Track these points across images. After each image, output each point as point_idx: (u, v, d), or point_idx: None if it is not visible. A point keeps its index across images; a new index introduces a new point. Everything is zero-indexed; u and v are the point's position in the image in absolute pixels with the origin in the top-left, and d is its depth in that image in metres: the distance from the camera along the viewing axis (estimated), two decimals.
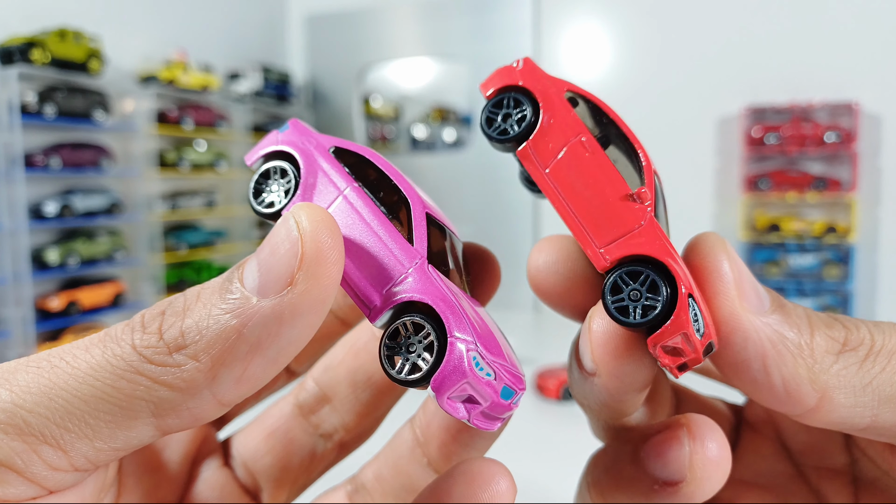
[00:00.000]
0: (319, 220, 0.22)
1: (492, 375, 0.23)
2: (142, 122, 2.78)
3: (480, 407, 0.24)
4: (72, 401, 0.21)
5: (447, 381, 0.23)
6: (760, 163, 2.84)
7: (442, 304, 0.24)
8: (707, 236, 0.27)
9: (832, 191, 2.70)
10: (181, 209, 2.98)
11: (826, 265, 2.74)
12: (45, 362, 0.21)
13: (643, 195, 0.25)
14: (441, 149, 3.87)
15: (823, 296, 2.75)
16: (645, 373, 0.26)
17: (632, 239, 0.25)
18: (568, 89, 0.28)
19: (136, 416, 0.21)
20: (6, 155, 2.27)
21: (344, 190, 0.27)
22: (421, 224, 0.26)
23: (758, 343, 0.25)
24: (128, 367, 0.21)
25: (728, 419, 0.35)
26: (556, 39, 3.17)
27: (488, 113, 0.28)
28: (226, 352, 0.21)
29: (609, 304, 0.24)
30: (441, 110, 3.93)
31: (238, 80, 3.31)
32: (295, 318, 0.21)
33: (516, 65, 0.29)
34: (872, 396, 0.24)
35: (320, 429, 0.34)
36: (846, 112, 2.67)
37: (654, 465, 0.27)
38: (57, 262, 2.41)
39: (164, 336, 0.22)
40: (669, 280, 0.24)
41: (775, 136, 2.75)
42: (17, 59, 2.27)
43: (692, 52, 2.91)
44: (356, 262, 0.25)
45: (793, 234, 2.76)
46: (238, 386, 0.22)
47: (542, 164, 0.27)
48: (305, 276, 0.21)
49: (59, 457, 0.21)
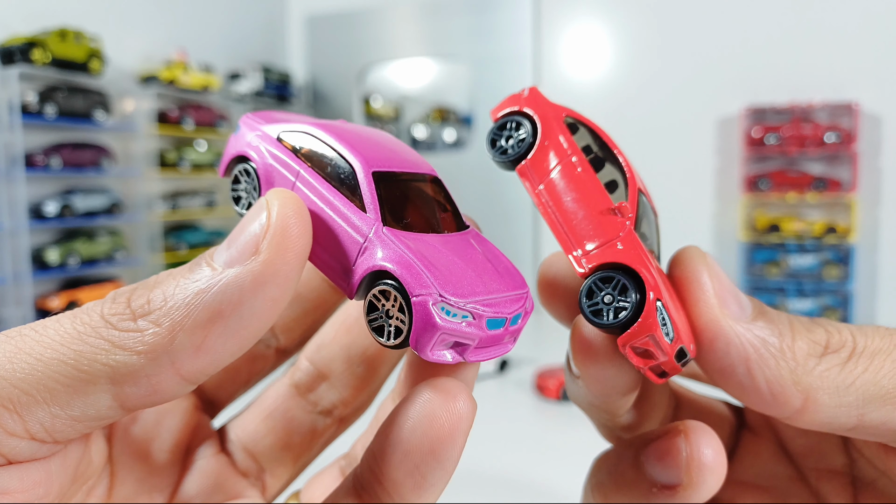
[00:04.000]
0: (286, 199, 0.23)
1: (468, 316, 0.24)
2: (142, 122, 2.78)
3: (471, 346, 0.24)
4: (34, 364, 0.21)
5: (422, 338, 0.24)
6: (760, 163, 2.84)
7: (399, 267, 0.24)
8: (688, 250, 0.29)
9: (832, 191, 2.70)
10: (181, 209, 2.98)
11: (826, 265, 2.74)
12: (15, 332, 0.22)
13: (624, 209, 0.28)
14: (441, 149, 3.87)
15: (823, 296, 2.75)
16: (624, 378, 0.28)
17: (609, 248, 0.27)
18: (567, 115, 0.31)
19: (94, 381, 0.21)
20: (6, 155, 2.27)
21: (297, 175, 0.27)
22: (370, 188, 0.26)
23: (740, 348, 0.26)
24: (91, 333, 0.22)
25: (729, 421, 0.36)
26: (556, 39, 3.17)
27: (493, 134, 0.31)
28: (186, 317, 0.21)
29: (584, 306, 0.26)
30: (441, 110, 3.93)
31: (238, 80, 3.32)
32: (257, 288, 0.22)
33: (523, 93, 0.32)
34: (857, 396, 0.25)
35: (319, 406, 0.34)
36: (846, 112, 2.67)
37: (652, 469, 0.29)
38: (57, 262, 2.42)
39: (132, 304, 0.22)
40: (640, 286, 0.26)
41: (775, 136, 2.75)
42: (17, 59, 2.27)
43: (692, 53, 2.91)
44: (323, 244, 0.26)
45: (793, 234, 2.76)
46: (197, 355, 0.22)
47: (537, 180, 0.29)
48: (269, 245, 0.22)
49: (15, 421, 0.21)
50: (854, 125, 2.64)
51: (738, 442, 0.35)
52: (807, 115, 2.72)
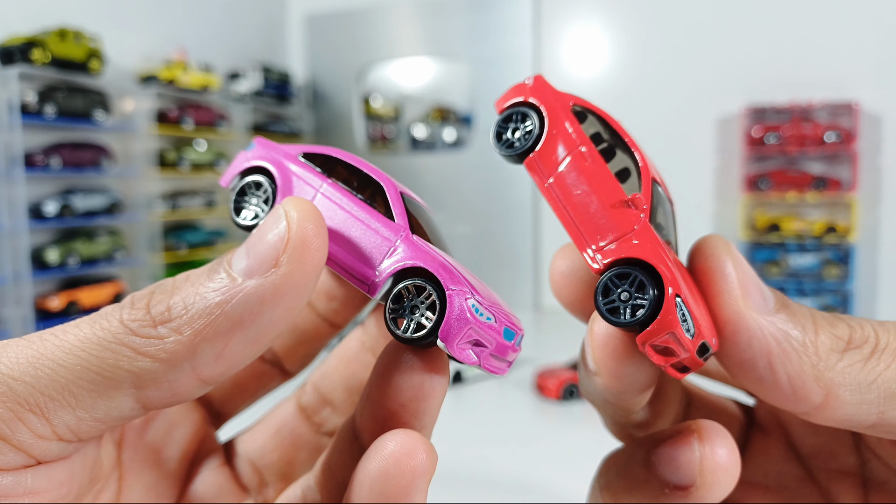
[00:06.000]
0: (305, 211, 0.24)
1: (492, 319, 0.26)
2: (142, 122, 2.78)
3: (488, 349, 0.26)
4: (57, 370, 0.22)
5: (453, 329, 0.25)
6: (760, 163, 2.84)
7: (434, 263, 0.26)
8: (711, 239, 0.28)
9: (832, 191, 2.70)
10: (181, 209, 2.98)
11: (826, 265, 2.74)
12: (36, 337, 0.23)
13: (637, 201, 0.27)
14: (441, 149, 3.87)
15: (823, 296, 2.75)
16: (644, 375, 0.27)
17: (624, 243, 0.26)
18: (575, 103, 0.30)
19: (118, 387, 0.22)
20: (6, 155, 2.27)
21: (320, 187, 0.29)
22: (398, 202, 0.28)
23: (763, 341, 0.25)
24: (113, 339, 0.22)
25: (739, 420, 0.35)
26: (557, 39, 3.17)
27: (498, 127, 0.30)
28: (208, 326, 0.22)
29: (601, 304, 0.25)
30: (441, 110, 3.93)
31: (238, 79, 3.31)
32: (276, 299, 0.22)
33: (528, 82, 0.30)
34: (878, 393, 0.25)
35: (323, 427, 0.35)
36: (846, 112, 2.67)
37: (665, 470, 0.28)
38: (57, 261, 2.41)
39: (152, 311, 0.23)
40: (658, 281, 0.25)
41: (775, 135, 2.75)
42: (17, 59, 2.27)
43: (692, 52, 2.91)
44: (346, 248, 0.27)
45: (793, 233, 2.76)
46: (217, 362, 0.23)
47: (546, 173, 0.28)
48: (289, 258, 0.23)
49: (42, 425, 0.22)
50: (854, 125, 2.64)
51: (748, 441, 0.35)
52: (807, 114, 2.72)
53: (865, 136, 2.68)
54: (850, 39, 2.66)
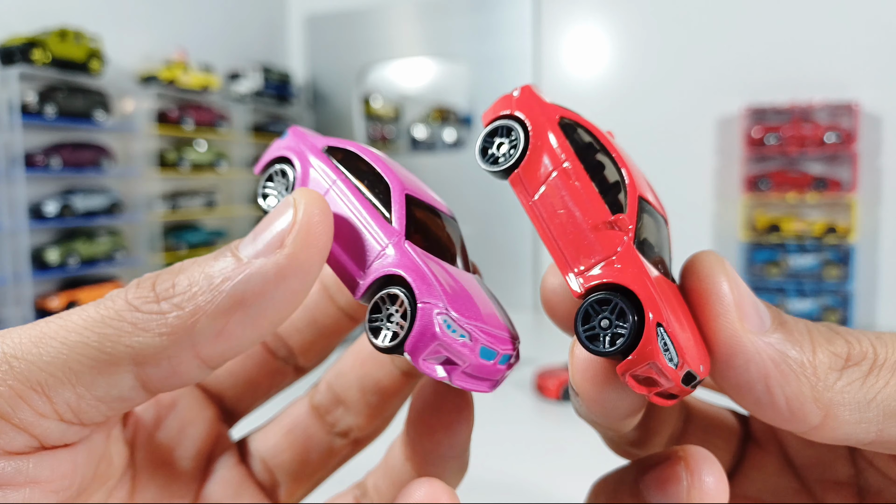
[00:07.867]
0: (313, 199, 0.24)
1: (465, 337, 0.25)
2: (142, 122, 2.78)
3: (459, 368, 0.25)
4: (59, 348, 0.22)
5: (418, 343, 0.24)
6: (760, 163, 2.84)
7: (412, 273, 0.25)
8: (704, 256, 0.27)
9: (832, 191, 2.70)
10: (181, 209, 2.98)
11: (826, 266, 2.74)
12: (41, 322, 0.23)
13: (622, 222, 0.25)
14: (441, 149, 3.87)
15: (823, 296, 2.75)
16: (627, 402, 0.26)
17: (606, 267, 0.25)
18: (563, 116, 0.28)
19: (117, 363, 0.22)
20: (6, 155, 2.27)
21: (334, 182, 0.29)
22: (400, 205, 0.28)
23: (760, 364, 0.25)
24: (115, 316, 0.23)
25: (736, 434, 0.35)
26: (557, 39, 3.17)
27: (483, 142, 0.29)
28: (209, 303, 0.22)
29: (580, 331, 0.24)
30: (441, 110, 3.93)
31: (238, 80, 3.31)
32: (280, 280, 0.23)
33: (515, 93, 0.29)
34: (877, 411, 0.24)
35: (336, 427, 0.35)
36: (846, 112, 2.67)
37: (653, 497, 0.28)
38: (57, 262, 2.41)
39: (156, 288, 0.23)
40: (639, 308, 0.24)
41: (775, 136, 2.75)
42: (17, 59, 2.27)
43: (692, 52, 2.91)
44: (342, 244, 0.28)
45: (793, 234, 2.76)
46: (217, 340, 0.23)
47: (530, 191, 0.27)
48: (294, 240, 0.23)
49: (43, 402, 0.22)
50: (854, 125, 2.64)
51: (744, 457, 0.34)
52: (807, 115, 2.72)
53: (865, 137, 2.68)
54: (851, 40, 2.66)
